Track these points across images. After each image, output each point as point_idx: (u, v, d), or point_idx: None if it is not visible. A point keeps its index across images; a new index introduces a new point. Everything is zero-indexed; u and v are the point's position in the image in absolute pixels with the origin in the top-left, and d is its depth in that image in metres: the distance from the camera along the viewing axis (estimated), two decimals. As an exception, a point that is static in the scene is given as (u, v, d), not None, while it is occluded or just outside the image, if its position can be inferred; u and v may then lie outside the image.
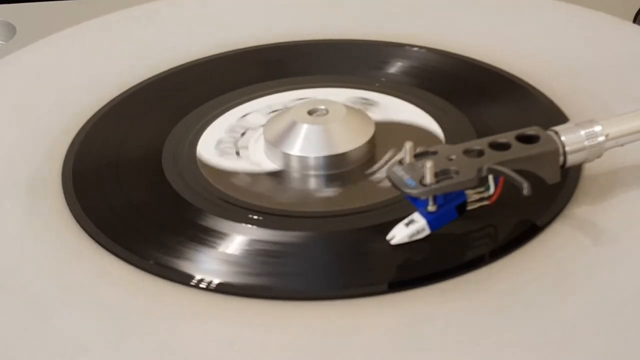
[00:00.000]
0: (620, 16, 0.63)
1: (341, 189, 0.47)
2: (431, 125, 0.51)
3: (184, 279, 0.42)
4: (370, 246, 0.43)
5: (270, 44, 0.61)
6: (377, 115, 0.52)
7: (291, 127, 0.49)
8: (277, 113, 0.52)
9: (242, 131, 0.52)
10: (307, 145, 0.48)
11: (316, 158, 0.48)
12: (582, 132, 0.43)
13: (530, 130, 0.43)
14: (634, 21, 0.66)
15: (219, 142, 0.51)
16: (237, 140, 0.51)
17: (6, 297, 0.42)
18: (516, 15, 0.63)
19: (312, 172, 0.48)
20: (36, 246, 0.44)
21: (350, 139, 0.49)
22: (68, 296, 0.41)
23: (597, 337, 0.38)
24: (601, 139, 0.43)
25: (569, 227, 0.43)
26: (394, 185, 0.42)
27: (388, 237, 0.42)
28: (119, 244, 0.44)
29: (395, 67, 0.58)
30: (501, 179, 0.42)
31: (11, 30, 0.69)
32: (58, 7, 0.72)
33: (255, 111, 0.53)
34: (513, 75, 0.55)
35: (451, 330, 0.39)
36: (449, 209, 0.42)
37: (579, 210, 0.44)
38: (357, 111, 0.51)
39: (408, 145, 0.42)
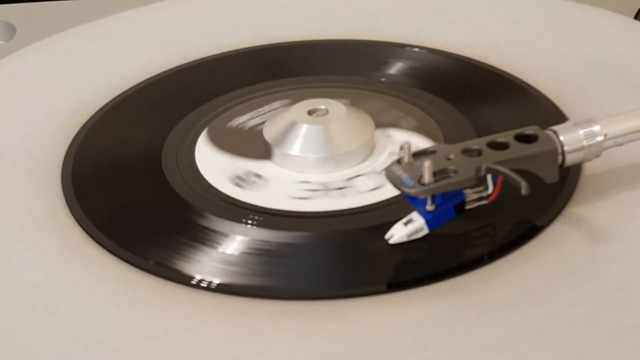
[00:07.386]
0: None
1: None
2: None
3: (184, 279, 0.42)
4: (370, 246, 0.43)
5: (270, 44, 0.61)
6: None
7: (291, 127, 0.49)
8: (277, 113, 0.52)
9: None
10: (306, 145, 0.48)
11: (316, 158, 0.48)
12: (581, 132, 0.43)
13: (529, 130, 0.43)
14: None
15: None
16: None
17: (5, 297, 0.42)
18: (515, 15, 0.63)
19: (311, 172, 0.48)
20: (36, 246, 0.44)
21: (350, 139, 0.49)
22: (67, 296, 0.41)
23: (597, 336, 0.38)
24: (600, 138, 0.43)
25: (569, 227, 0.44)
26: (393, 184, 0.42)
27: (386, 236, 0.42)
28: (119, 244, 0.44)
29: (395, 68, 0.58)
30: (500, 178, 0.42)
31: (11, 30, 0.69)
32: (58, 7, 0.72)
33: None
34: (512, 75, 0.55)
35: (451, 330, 0.39)
36: (447, 209, 0.42)
37: (578, 210, 0.44)
38: (357, 111, 0.51)
39: (406, 144, 0.42)
